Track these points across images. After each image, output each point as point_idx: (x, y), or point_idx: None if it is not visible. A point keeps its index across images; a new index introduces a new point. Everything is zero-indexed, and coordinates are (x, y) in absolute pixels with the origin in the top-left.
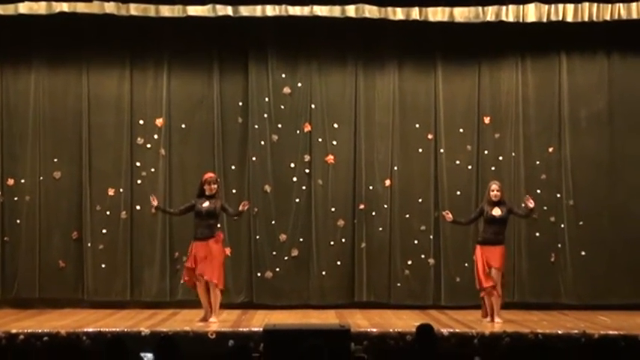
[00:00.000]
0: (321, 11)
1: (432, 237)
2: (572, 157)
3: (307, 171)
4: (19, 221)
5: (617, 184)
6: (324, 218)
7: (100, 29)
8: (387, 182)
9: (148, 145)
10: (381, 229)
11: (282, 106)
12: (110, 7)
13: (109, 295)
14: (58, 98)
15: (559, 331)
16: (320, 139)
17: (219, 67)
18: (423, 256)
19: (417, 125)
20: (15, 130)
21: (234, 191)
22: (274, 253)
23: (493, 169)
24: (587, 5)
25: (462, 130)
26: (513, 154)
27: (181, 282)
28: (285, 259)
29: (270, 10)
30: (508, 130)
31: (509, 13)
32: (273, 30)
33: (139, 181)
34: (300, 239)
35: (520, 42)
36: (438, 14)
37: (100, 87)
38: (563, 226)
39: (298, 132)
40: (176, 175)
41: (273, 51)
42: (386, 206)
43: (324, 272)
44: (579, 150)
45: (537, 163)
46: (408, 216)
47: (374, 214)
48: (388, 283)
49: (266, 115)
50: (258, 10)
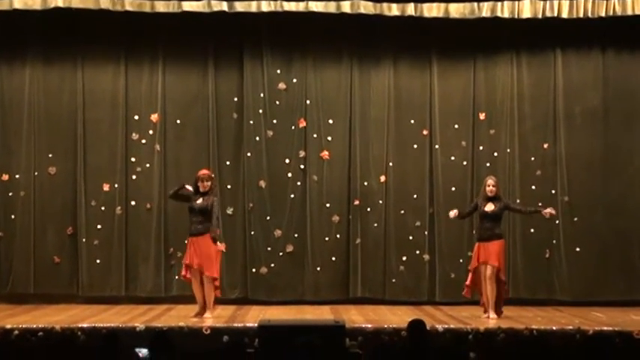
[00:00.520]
0: (316, 7)
1: (426, 233)
2: (567, 154)
3: (302, 167)
4: (13, 216)
5: (612, 181)
6: (319, 214)
7: (95, 25)
8: (382, 178)
9: (143, 140)
10: (375, 224)
11: (277, 102)
12: (105, 3)
13: (104, 290)
14: (53, 94)
15: (554, 327)
16: (315, 135)
17: (215, 62)
18: (418, 252)
19: (412, 121)
20: (10, 125)
21: (229, 187)
22: (269, 249)
23: (488, 165)
24: (582, 1)
25: (457, 126)
26: (508, 150)
27: (176, 277)
28: (280, 254)
29: (266, 5)
30: (503, 126)
31: (504, 9)
32: (268, 26)
33: (134, 176)
34: (295, 235)
35: (515, 38)
36: (433, 10)
37: (95, 82)
38: (557, 222)
39: (293, 128)
40: (171, 170)
41: (268, 47)
42: (381, 202)
43: (318, 268)
44: (574, 146)
45: (532, 159)
46: (402, 212)
47: (369, 209)
48: (383, 279)
49: (261, 110)
50: (253, 5)
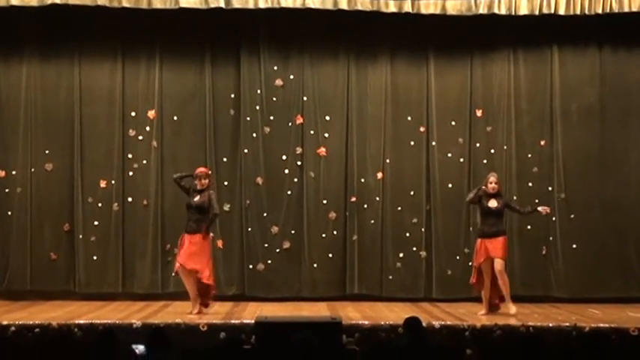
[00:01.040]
0: (313, 3)
1: (423, 230)
2: (563, 151)
3: (299, 163)
4: (10, 213)
5: (608, 178)
6: (315, 210)
7: (92, 21)
8: (379, 175)
9: (140, 137)
10: (372, 221)
11: (274, 99)
12: None
13: (101, 287)
14: (50, 90)
15: (550, 324)
16: (312, 132)
17: (211, 59)
18: (415, 248)
19: (409, 118)
20: (6, 121)
21: (226, 183)
22: (266, 246)
23: (485, 162)
24: None
25: (453, 122)
26: (505, 147)
27: (173, 274)
28: (277, 251)
29: (263, 2)
30: (500, 123)
31: (501, 6)
32: (265, 22)
33: (131, 173)
34: (292, 231)
35: (512, 35)
36: (430, 7)
37: (91, 79)
38: (554, 219)
39: (290, 124)
40: (168, 167)
41: (265, 43)
42: (378, 199)
43: (315, 264)
44: (571, 143)
45: (529, 156)
46: (399, 208)
47: (366, 206)
48: (380, 276)
49: (258, 107)
50: (250, 2)
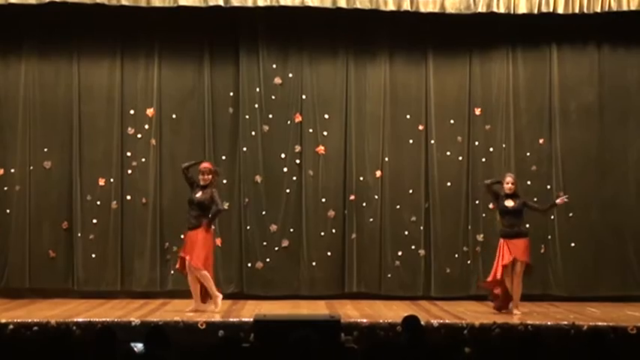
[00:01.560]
0: (312, 2)
1: (422, 228)
2: (562, 149)
3: (298, 162)
4: (8, 211)
5: (607, 177)
6: (314, 209)
7: (90, 19)
8: (378, 173)
9: (139, 135)
10: (371, 219)
11: (273, 97)
12: None
13: (100, 285)
14: (49, 88)
15: (549, 323)
16: (311, 130)
17: (210, 57)
18: (414, 247)
19: (408, 116)
20: (5, 119)
21: (225, 181)
22: (265, 244)
23: (484, 160)
24: None
25: (452, 121)
26: (504, 146)
27: (172, 272)
28: (276, 249)
29: (262, 0)
30: (499, 121)
31: (500, 5)
32: (264, 20)
33: (130, 171)
34: (291, 230)
35: (511, 33)
36: (429, 5)
37: (90, 77)
38: (553, 217)
39: (289, 122)
40: (166, 165)
41: (264, 41)
42: (376, 197)
43: (314, 263)
44: (569, 142)
45: (528, 154)
46: (398, 207)
47: (364, 204)
48: (378, 274)
49: (257, 105)
50: (249, 0)
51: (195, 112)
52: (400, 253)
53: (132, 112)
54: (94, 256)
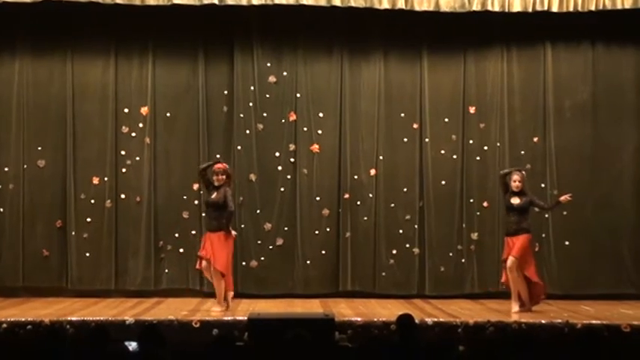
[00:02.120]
0: (306, 0)
1: (416, 226)
2: (556, 148)
3: (292, 160)
4: (2, 210)
5: (601, 175)
6: (309, 207)
7: (84, 17)
8: (372, 171)
9: (133, 133)
10: (365, 218)
11: (268, 95)
12: None
13: (94, 284)
14: (43, 86)
15: (542, 321)
16: (305, 128)
17: (205, 55)
18: (408, 245)
19: (403, 115)
20: None
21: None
22: (259, 242)
23: (478, 158)
24: None
25: (447, 119)
26: (498, 144)
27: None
28: (270, 248)
29: None
30: (493, 119)
31: (494, 3)
32: (258, 19)
33: (124, 169)
34: (285, 228)
35: (505, 32)
36: (423, 4)
37: (84, 75)
38: (547, 215)
39: (283, 121)
40: (161, 163)
41: (259, 40)
42: (371, 195)
43: (308, 261)
44: (563, 140)
45: (522, 153)
46: (392, 205)
47: (359, 203)
48: (373, 273)
49: (251, 103)
50: None
51: (190, 110)
52: (394, 252)
53: (126, 110)
54: (88, 254)
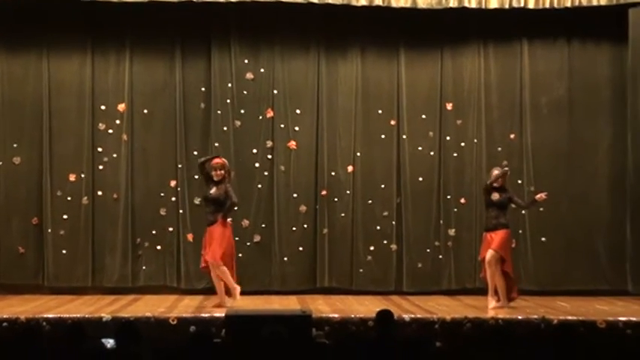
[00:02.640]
0: None
1: (394, 223)
2: (532, 144)
3: (269, 157)
4: None
5: (576, 171)
6: (286, 204)
7: (61, 13)
8: (350, 168)
9: (110, 130)
10: (343, 214)
11: (245, 92)
12: None
13: (70, 281)
14: (18, 83)
15: (519, 317)
16: (282, 125)
17: (182, 52)
18: (386, 242)
19: (380, 111)
20: None
21: (197, 177)
22: (237, 239)
23: (455, 155)
24: None
25: (424, 116)
26: (475, 141)
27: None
28: (248, 244)
29: None
30: (470, 116)
31: (471, 0)
32: (235, 15)
33: (101, 166)
34: (263, 225)
35: (482, 29)
36: (400, 1)
37: (61, 72)
38: (523, 212)
39: (261, 118)
40: (138, 160)
41: (236, 36)
42: (348, 192)
43: (286, 258)
44: (540, 137)
45: (499, 149)
46: (370, 202)
47: (336, 200)
48: (350, 269)
49: (229, 100)
50: None
51: (167, 107)
52: (372, 248)
53: (103, 107)
54: (64, 251)
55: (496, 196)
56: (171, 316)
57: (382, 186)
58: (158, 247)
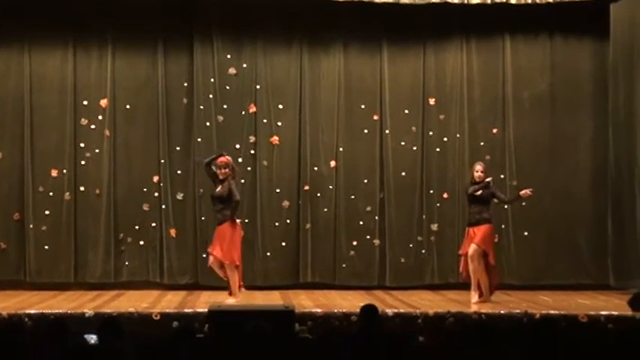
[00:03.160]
0: None
1: (377, 218)
2: (515, 139)
3: (252, 152)
4: None
5: (558, 166)
6: (269, 199)
7: (42, 8)
8: (332, 163)
9: (92, 125)
10: (326, 210)
11: (228, 87)
12: None
13: (52, 276)
14: None
15: (502, 311)
16: (265, 120)
17: (164, 47)
18: (368, 236)
19: (363, 106)
20: None
21: (179, 172)
22: None
23: (438, 150)
24: None
25: (407, 111)
26: (458, 136)
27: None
28: None
29: None
30: (453, 111)
31: None
32: (218, 10)
33: (83, 162)
34: (245, 220)
35: (464, 24)
36: None
37: (42, 67)
38: (506, 206)
39: (243, 113)
40: (120, 156)
41: (219, 31)
42: (331, 187)
43: (268, 253)
44: (522, 131)
45: (482, 144)
46: (353, 197)
47: (319, 195)
48: (333, 264)
49: (211, 95)
50: None
51: (150, 102)
52: (355, 243)
53: (85, 102)
54: (46, 247)
55: (479, 192)
56: (154, 311)
57: (365, 181)
58: (141, 242)
